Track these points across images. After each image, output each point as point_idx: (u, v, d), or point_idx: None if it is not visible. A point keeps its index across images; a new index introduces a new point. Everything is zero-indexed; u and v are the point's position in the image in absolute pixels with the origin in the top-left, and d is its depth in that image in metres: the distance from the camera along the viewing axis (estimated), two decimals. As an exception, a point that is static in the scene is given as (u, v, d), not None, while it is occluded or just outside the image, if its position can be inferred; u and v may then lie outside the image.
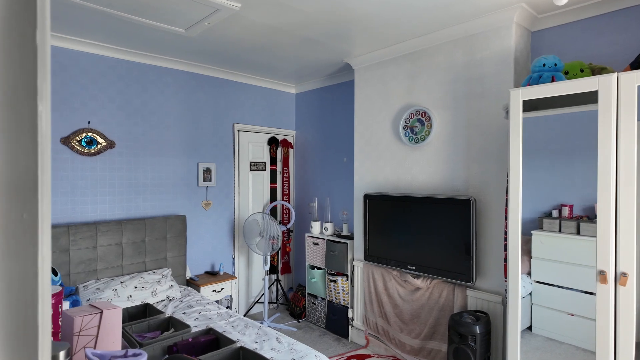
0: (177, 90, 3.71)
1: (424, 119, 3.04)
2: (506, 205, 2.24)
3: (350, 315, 3.64)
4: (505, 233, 2.26)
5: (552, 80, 2.04)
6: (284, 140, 4.58)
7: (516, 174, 2.09)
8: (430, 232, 2.90)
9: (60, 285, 2.82)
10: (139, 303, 2.97)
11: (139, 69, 3.45)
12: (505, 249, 2.27)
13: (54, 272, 2.70)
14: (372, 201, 3.31)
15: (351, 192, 4.01)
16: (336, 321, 3.78)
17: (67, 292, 2.79)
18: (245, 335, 2.49)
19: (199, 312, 2.86)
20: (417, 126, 3.08)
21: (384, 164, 3.35)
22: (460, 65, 2.82)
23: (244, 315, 4.28)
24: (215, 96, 4.00)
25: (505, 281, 2.32)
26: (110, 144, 3.29)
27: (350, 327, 3.63)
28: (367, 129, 3.49)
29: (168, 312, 2.89)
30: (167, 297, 3.14)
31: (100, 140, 3.22)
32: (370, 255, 3.34)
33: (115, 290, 2.96)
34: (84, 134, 3.14)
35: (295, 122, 4.78)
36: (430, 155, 3.02)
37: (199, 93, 3.88)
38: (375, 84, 3.43)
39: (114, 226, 3.19)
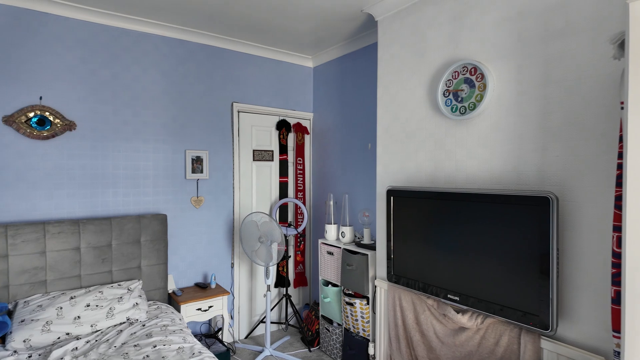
0: (158, 61, 3.02)
1: (473, 77, 2.05)
2: (617, 207, 1.24)
3: (371, 351, 2.73)
4: (616, 254, 1.26)
5: None
6: (298, 125, 3.75)
7: (654, 146, 1.09)
8: (482, 246, 1.92)
9: (-12, 300, 2.21)
10: (89, 327, 2.29)
11: (107, 32, 2.80)
12: (615, 280, 1.27)
13: (-23, 285, 2.10)
14: (399, 199, 2.37)
15: (375, 186, 3.08)
16: (354, 357, 2.88)
17: (-5, 311, 2.18)
18: (191, 395, 1.69)
19: (154, 347, 2.11)
20: (463, 89, 2.10)
21: (416, 147, 2.40)
22: (532, -12, 1.81)
23: (246, 338, 3.52)
24: (209, 69, 3.27)
25: (616, 336, 1.33)
26: (69, 125, 2.66)
27: (371, 367, 2.72)
28: (394, 99, 2.55)
29: (118, 343, 2.18)
30: (128, 319, 2.44)
31: (55, 120, 2.60)
32: (396, 275, 2.41)
33: (60, 309, 2.31)
34: (33, 113, 2.53)
35: (313, 102, 3.93)
36: (484, 132, 2.03)
37: (188, 64, 3.16)
38: (405, 37, 2.48)
39: (69, 227, 2.55)
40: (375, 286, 2.67)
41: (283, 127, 3.65)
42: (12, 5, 2.46)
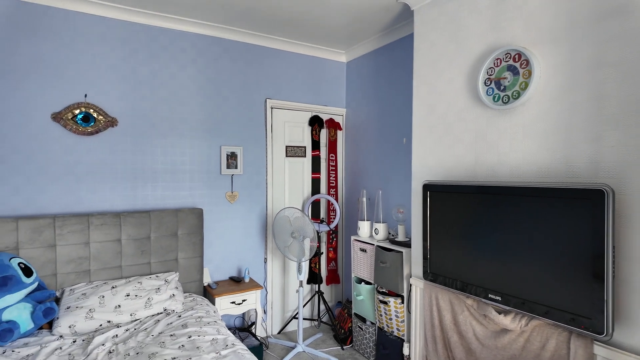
0: (195, 58, 3.08)
1: (517, 64, 1.93)
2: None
3: (406, 352, 2.64)
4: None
5: None
6: (330, 120, 3.71)
7: None
8: (527, 243, 1.80)
9: (38, 286, 2.34)
10: (128, 316, 2.37)
11: (147, 32, 2.89)
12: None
13: (28, 272, 2.22)
14: (436, 194, 2.28)
15: (410, 181, 2.99)
16: (388, 356, 2.81)
17: (44, 297, 2.30)
18: (224, 386, 1.69)
19: (189, 337, 2.15)
20: (506, 77, 1.98)
21: (455, 140, 2.29)
22: (585, -36, 1.67)
23: (278, 333, 3.53)
24: (243, 66, 3.30)
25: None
26: (112, 122, 2.77)
27: (405, 368, 2.64)
28: (432, 91, 2.45)
29: (155, 332, 2.23)
30: (165, 310, 2.50)
31: (99, 116, 2.72)
32: (432, 273, 2.31)
33: (103, 297, 2.40)
34: (79, 110, 2.65)
35: (346, 97, 3.88)
36: (529, 121, 1.90)
37: (223, 61, 3.21)
38: (442, 26, 2.38)
39: (111, 219, 2.66)
40: (411, 285, 2.58)
41: (315, 123, 3.63)
42: (60, 7, 2.58)
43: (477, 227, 2.03)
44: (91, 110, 2.69)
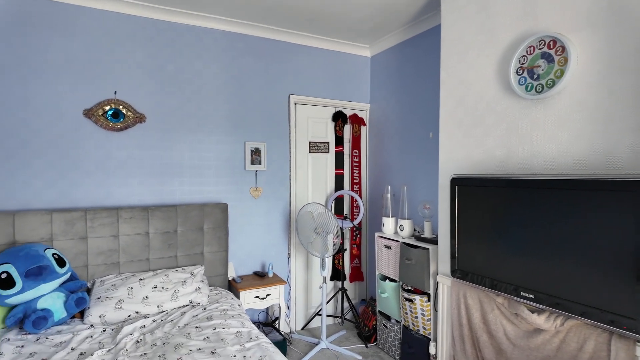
0: (219, 55, 3.11)
1: (552, 51, 1.84)
2: None
3: (432, 351, 2.58)
4: None
5: None
6: (354, 116, 3.67)
7: None
8: (563, 238, 1.71)
9: (70, 276, 2.42)
10: (155, 307, 2.42)
11: (172, 29, 2.93)
12: None
13: (61, 262, 2.30)
14: (464, 188, 2.21)
15: (437, 177, 2.91)
16: (413, 355, 2.75)
17: (76, 287, 2.37)
18: (249, 378, 1.69)
19: (214, 329, 2.17)
20: (540, 65, 1.89)
21: (485, 132, 2.21)
22: (627, -58, 1.57)
23: (302, 329, 3.52)
24: (266, 62, 3.31)
25: None
26: (140, 118, 2.83)
27: (431, 367, 2.57)
28: (460, 82, 2.38)
29: (181, 323, 2.27)
30: (190, 302, 2.53)
31: (128, 113, 2.78)
32: (461, 270, 2.24)
33: (131, 289, 2.46)
34: (109, 106, 2.73)
35: (370, 92, 3.83)
36: (565, 111, 1.81)
37: (247, 58, 3.22)
38: (471, 15, 2.30)
39: (139, 213, 2.72)
40: (437, 282, 2.52)
41: (339, 118, 3.60)
42: (90, 7, 2.66)
43: (509, 222, 1.95)
44: (121, 107, 2.76)
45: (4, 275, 2.08)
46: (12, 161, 2.48)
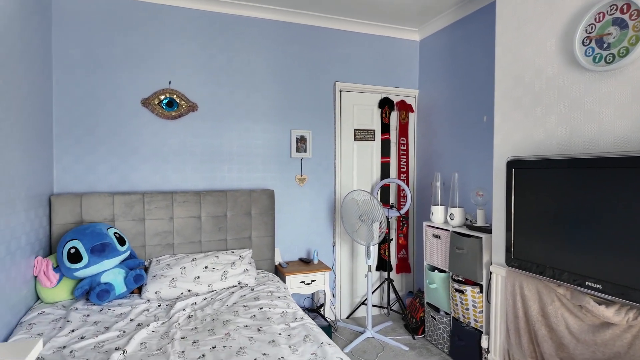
0: (266, 44, 3.16)
1: (626, 16, 1.65)
2: None
3: (484, 344, 2.45)
4: None
5: None
6: (401, 102, 3.57)
7: None
8: (636, 222, 1.54)
9: (130, 255, 2.59)
10: (206, 286, 2.52)
11: (222, 20, 3.02)
12: None
13: (122, 241, 2.46)
14: (522, 171, 2.06)
15: (490, 163, 2.75)
16: (464, 348, 2.63)
17: (135, 265, 2.53)
18: (293, 355, 1.70)
19: (260, 308, 2.21)
20: (611, 33, 1.71)
21: (545, 110, 2.05)
22: None
23: (347, 318, 3.50)
24: (312, 49, 3.31)
25: None
26: (192, 107, 2.95)
27: (483, 361, 2.45)
28: (517, 59, 2.22)
29: (230, 302, 2.34)
30: (239, 283, 2.61)
31: (181, 102, 2.91)
32: (517, 259, 2.10)
33: (184, 268, 2.58)
34: (164, 95, 2.87)
35: (419, 78, 3.70)
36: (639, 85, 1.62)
37: (292, 46, 3.25)
38: (530, -15, 2.14)
39: (192, 197, 2.84)
40: (491, 272, 2.38)
41: (385, 105, 3.52)
42: (148, 1, 2.81)
43: (573, 207, 1.80)
44: (175, 96, 2.89)
45: (72, 250, 2.26)
46: (80, 147, 2.69)
